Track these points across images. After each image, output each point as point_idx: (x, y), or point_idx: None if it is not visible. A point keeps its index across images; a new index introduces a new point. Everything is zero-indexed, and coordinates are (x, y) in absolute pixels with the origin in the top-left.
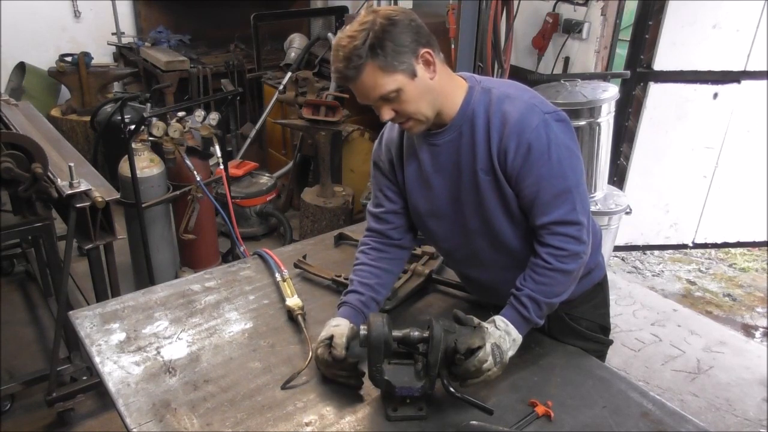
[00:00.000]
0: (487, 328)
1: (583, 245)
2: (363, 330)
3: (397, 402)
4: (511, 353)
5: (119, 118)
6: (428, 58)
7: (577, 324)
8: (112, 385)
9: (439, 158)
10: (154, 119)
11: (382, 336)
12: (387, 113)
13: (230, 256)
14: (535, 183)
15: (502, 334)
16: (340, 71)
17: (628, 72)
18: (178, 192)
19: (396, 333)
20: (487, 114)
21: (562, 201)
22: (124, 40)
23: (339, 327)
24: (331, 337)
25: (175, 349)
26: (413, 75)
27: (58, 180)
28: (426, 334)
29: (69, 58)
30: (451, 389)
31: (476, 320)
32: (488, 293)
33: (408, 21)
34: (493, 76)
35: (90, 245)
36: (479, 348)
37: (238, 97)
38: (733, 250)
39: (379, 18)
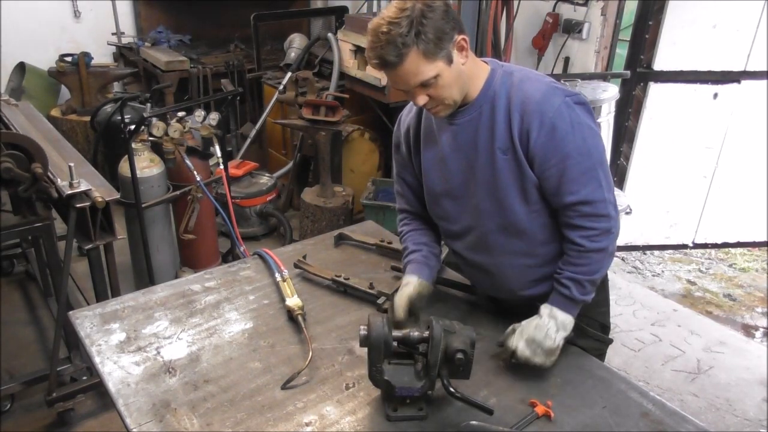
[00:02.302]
0: (516, 327)
1: (612, 220)
2: (363, 330)
3: (397, 402)
4: (560, 335)
5: (119, 118)
6: (463, 45)
7: (579, 320)
8: (112, 385)
9: (458, 137)
10: (154, 119)
11: (382, 336)
12: (422, 99)
13: (230, 256)
14: (561, 161)
15: (539, 324)
16: (381, 57)
17: (628, 72)
18: (178, 192)
19: (396, 333)
20: (508, 95)
21: (588, 179)
22: (124, 40)
23: (407, 286)
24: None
25: (175, 349)
26: (450, 61)
27: (58, 180)
28: (426, 334)
29: (69, 58)
30: (451, 389)
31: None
32: (493, 282)
33: (445, 7)
34: None
35: (90, 245)
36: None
37: (238, 97)
38: (733, 250)
39: (418, 4)
